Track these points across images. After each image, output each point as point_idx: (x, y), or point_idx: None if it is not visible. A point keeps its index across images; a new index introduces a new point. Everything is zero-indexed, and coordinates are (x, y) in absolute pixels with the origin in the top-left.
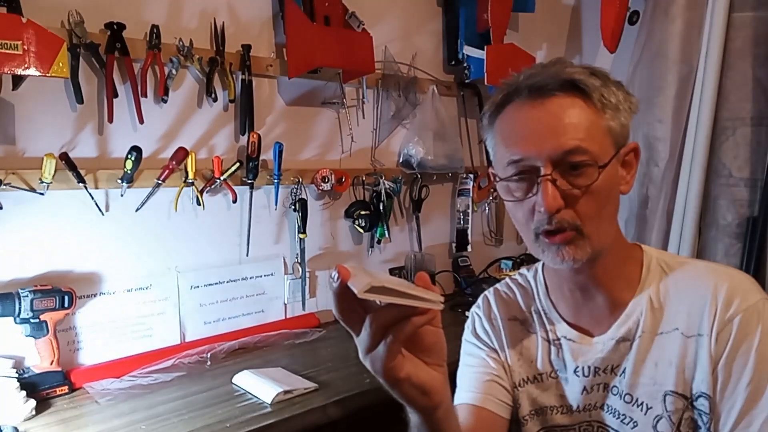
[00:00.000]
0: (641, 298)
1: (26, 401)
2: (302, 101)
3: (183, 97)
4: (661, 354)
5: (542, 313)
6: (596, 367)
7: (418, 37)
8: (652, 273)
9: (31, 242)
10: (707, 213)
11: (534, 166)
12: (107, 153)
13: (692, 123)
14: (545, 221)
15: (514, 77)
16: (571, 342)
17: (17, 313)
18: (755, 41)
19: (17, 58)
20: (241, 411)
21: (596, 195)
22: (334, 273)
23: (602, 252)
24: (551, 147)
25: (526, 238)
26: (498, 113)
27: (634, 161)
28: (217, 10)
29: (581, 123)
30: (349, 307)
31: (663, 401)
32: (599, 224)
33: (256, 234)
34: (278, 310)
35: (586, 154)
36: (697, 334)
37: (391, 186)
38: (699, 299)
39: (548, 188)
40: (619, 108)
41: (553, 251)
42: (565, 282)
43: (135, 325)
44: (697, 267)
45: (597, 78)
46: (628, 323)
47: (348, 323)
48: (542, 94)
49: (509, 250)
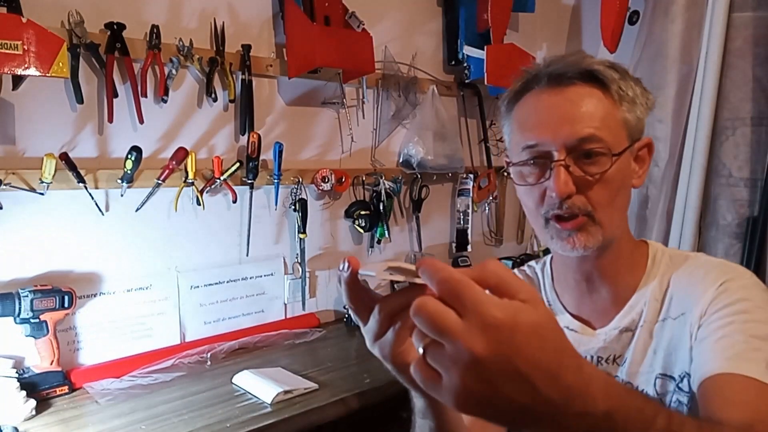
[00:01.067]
0: (645, 290)
1: (26, 401)
2: (302, 101)
3: (183, 97)
4: (659, 342)
5: (546, 304)
6: (599, 356)
7: (418, 37)
8: (656, 266)
9: (31, 242)
10: (707, 213)
11: (548, 151)
12: (107, 153)
13: (692, 123)
14: (556, 205)
15: (535, 65)
16: (574, 332)
17: (17, 313)
18: (755, 41)
19: (17, 58)
20: (241, 411)
21: (609, 184)
22: (343, 264)
23: (612, 242)
24: (566, 133)
25: (536, 224)
26: (517, 100)
27: (648, 157)
28: (217, 9)
29: (597, 112)
30: (358, 296)
31: (654, 385)
32: (612, 213)
33: (256, 234)
34: (278, 310)
35: (600, 142)
36: (681, 314)
37: (391, 186)
38: (692, 287)
39: (561, 173)
40: (636, 102)
41: (564, 237)
42: (571, 272)
43: (135, 325)
44: (699, 260)
45: (616, 71)
46: (631, 314)
47: (357, 312)
48: (561, 82)
49: (509, 250)
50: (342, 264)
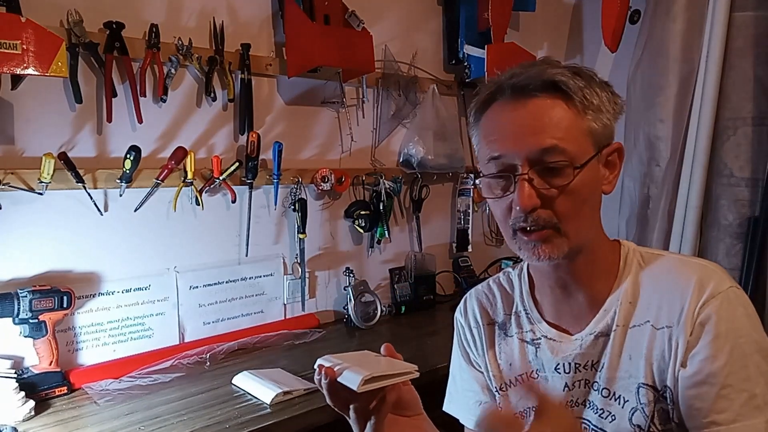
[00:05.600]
0: (618, 292)
1: (25, 402)
2: (302, 101)
3: (182, 96)
4: (635, 347)
5: (523, 313)
6: (577, 363)
7: (418, 36)
8: (628, 267)
9: (29, 242)
10: (708, 213)
11: (512, 164)
12: (106, 153)
13: (693, 122)
14: (521, 219)
15: (498, 76)
16: (551, 341)
17: (16, 313)
18: (756, 41)
19: (16, 57)
20: (240, 412)
21: (573, 195)
22: (320, 373)
23: (581, 249)
24: (528, 145)
25: (505, 234)
26: (482, 112)
27: (618, 161)
28: (216, 9)
29: (560, 123)
30: (338, 396)
31: (636, 394)
32: (577, 223)
33: (256, 234)
34: (278, 310)
35: (563, 154)
36: (666, 326)
37: (391, 186)
38: (669, 292)
39: (524, 187)
40: (602, 109)
41: (529, 248)
42: (546, 279)
43: (134, 325)
44: (669, 260)
45: (581, 78)
46: (606, 318)
47: (340, 409)
48: (524, 95)
49: (510, 251)
50: (318, 372)
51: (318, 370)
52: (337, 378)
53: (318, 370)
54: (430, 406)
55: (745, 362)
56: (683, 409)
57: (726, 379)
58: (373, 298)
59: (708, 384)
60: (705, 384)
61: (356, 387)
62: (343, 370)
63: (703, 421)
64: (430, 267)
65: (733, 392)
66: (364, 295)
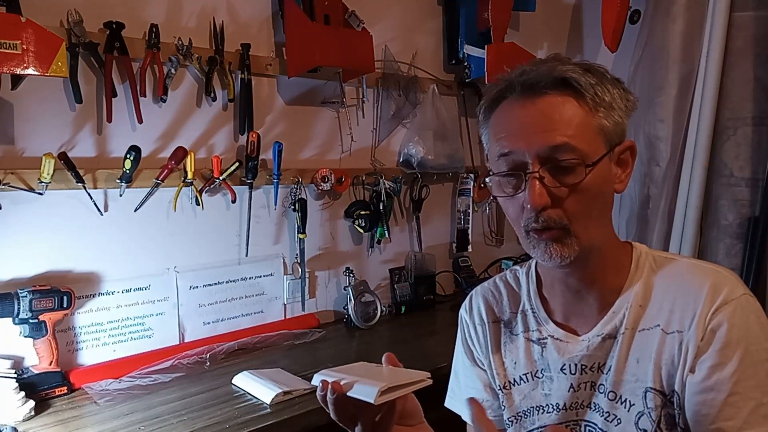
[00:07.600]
0: (628, 295)
1: (25, 402)
2: (302, 101)
3: (182, 96)
4: (643, 350)
5: (530, 312)
6: (583, 364)
7: (418, 36)
8: (640, 270)
9: (29, 242)
10: (708, 213)
11: (523, 161)
12: (106, 153)
13: (693, 122)
14: (532, 219)
15: (508, 73)
16: (558, 341)
17: (16, 313)
18: (756, 41)
19: (16, 57)
20: (240, 412)
21: (584, 194)
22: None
23: (592, 250)
24: (539, 143)
25: (518, 233)
26: (492, 109)
27: (630, 160)
28: (216, 9)
29: (571, 121)
30: (345, 411)
31: (644, 398)
32: (588, 223)
33: (256, 234)
34: (278, 310)
35: (573, 152)
36: (677, 331)
37: (391, 186)
38: (681, 297)
39: (535, 186)
40: (614, 106)
41: (542, 248)
42: (556, 280)
43: (134, 325)
44: (682, 264)
45: (592, 75)
46: (614, 320)
47: (345, 424)
48: (534, 92)
49: (510, 251)
50: (323, 388)
51: (321, 386)
52: (348, 392)
53: (321, 386)
54: (430, 406)
55: (755, 370)
56: (690, 415)
57: (734, 386)
58: (373, 298)
59: (716, 391)
60: (713, 390)
61: (373, 400)
62: (352, 383)
63: (710, 428)
64: (430, 267)
65: (741, 400)
66: (364, 295)
